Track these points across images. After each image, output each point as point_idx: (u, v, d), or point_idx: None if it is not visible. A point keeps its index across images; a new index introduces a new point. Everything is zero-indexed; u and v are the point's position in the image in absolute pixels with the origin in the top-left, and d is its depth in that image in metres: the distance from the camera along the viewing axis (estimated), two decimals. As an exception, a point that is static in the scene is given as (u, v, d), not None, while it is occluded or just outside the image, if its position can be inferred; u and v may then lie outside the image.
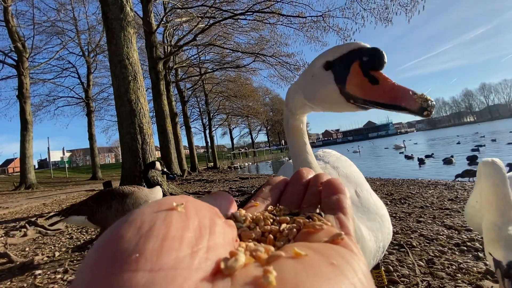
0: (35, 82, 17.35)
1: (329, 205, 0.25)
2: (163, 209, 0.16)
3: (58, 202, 6.97)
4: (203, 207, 0.18)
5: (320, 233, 0.20)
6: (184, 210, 0.16)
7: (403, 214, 3.14)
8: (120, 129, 5.14)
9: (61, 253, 2.68)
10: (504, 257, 1.00)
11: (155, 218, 0.15)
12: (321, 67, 0.63)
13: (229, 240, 0.18)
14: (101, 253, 0.14)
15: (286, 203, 0.29)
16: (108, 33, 5.17)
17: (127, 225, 0.15)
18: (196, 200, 0.18)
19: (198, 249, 0.15)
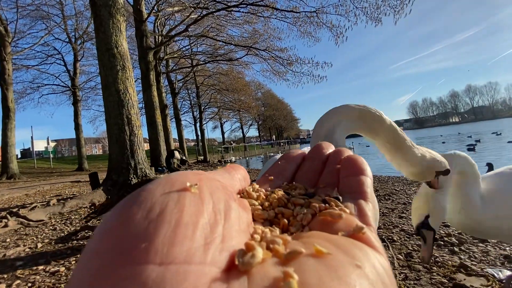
0: (18, 68, 16.63)
1: (349, 187, 0.23)
2: (175, 189, 0.14)
3: (42, 193, 6.80)
4: (218, 188, 0.16)
5: (339, 223, 0.18)
6: (197, 191, 0.15)
7: (386, 210, 3.24)
8: (108, 119, 5.02)
9: (43, 244, 2.63)
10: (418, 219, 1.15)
11: (166, 200, 0.14)
12: None
13: (244, 226, 0.16)
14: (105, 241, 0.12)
15: (302, 180, 0.27)
16: (96, 20, 5.00)
17: (135, 207, 0.13)
18: (210, 178, 0.17)
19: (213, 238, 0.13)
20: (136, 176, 4.85)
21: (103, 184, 4.81)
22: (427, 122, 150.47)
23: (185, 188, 0.15)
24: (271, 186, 0.26)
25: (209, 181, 0.16)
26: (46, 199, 5.22)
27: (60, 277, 1.92)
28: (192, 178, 0.16)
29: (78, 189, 7.03)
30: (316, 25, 11.97)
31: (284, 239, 0.16)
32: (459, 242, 2.16)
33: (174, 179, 0.15)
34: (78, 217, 3.58)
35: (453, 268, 1.75)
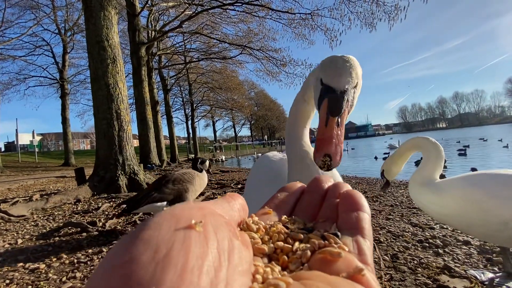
0: (4, 58, 16.05)
1: (347, 223, 0.23)
2: (181, 227, 0.15)
3: (25, 187, 6.58)
4: (222, 225, 0.17)
5: (338, 263, 0.19)
6: (202, 229, 0.15)
7: (374, 212, 3.28)
8: (96, 113, 4.90)
9: (24, 240, 2.54)
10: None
11: (172, 239, 0.14)
12: (320, 79, 0.66)
13: (246, 266, 0.17)
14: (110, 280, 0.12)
15: (301, 214, 0.27)
16: (86, 10, 4.87)
17: (142, 246, 0.13)
18: (214, 213, 0.17)
19: (217, 283, 0.14)
20: (124, 172, 4.75)
21: (89, 180, 4.68)
22: (415, 126, 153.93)
23: (190, 226, 0.15)
24: (270, 219, 0.26)
25: (213, 217, 0.17)
26: (29, 194, 5.06)
27: (40, 274, 1.85)
28: (196, 214, 0.16)
29: (63, 185, 6.84)
30: (310, 27, 12.05)
31: (286, 282, 0.16)
32: (443, 244, 2.21)
33: (180, 215, 0.16)
34: (62, 213, 3.48)
35: (437, 269, 1.78)
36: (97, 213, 3.36)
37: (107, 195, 4.35)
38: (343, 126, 0.59)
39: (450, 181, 1.50)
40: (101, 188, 4.53)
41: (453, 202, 1.42)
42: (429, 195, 1.52)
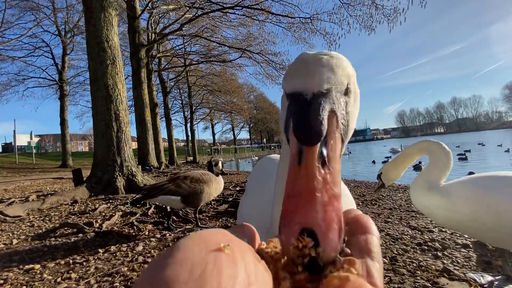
0: (4, 59, 16.02)
1: (356, 245, 0.24)
2: (211, 249, 0.16)
3: (21, 188, 6.53)
4: (246, 250, 0.18)
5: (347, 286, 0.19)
6: (230, 252, 0.16)
7: (372, 215, 3.27)
8: (95, 114, 4.88)
9: (19, 241, 2.51)
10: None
11: (205, 261, 0.15)
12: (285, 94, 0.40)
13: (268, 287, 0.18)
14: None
15: None
16: (86, 12, 4.88)
17: (178, 266, 0.14)
18: (238, 240, 0.19)
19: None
20: (122, 174, 4.73)
21: (86, 181, 4.65)
22: (413, 131, 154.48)
23: (219, 248, 0.16)
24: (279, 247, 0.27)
25: (238, 242, 0.18)
26: (26, 195, 5.01)
27: (35, 274, 1.82)
28: (223, 239, 0.17)
29: (60, 186, 6.79)
30: (310, 31, 12.13)
31: None
32: (443, 247, 2.20)
33: (208, 238, 0.17)
34: (58, 214, 3.44)
35: (437, 272, 1.77)
36: (94, 214, 3.33)
37: (105, 196, 4.32)
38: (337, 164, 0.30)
39: (458, 185, 1.44)
40: (99, 189, 4.49)
41: (465, 207, 1.36)
42: (437, 200, 1.46)
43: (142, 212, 3.32)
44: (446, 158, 1.52)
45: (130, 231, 2.69)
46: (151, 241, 2.38)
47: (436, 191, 1.47)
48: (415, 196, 1.60)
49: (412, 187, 1.64)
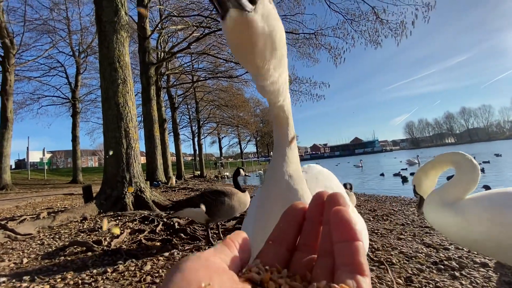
0: (20, 79, 16.78)
1: (343, 258, 0.24)
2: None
3: (33, 205, 6.63)
4: (228, 283, 0.19)
5: None
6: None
7: (384, 231, 3.17)
8: (105, 132, 5.01)
9: (29, 260, 2.52)
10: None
11: None
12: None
13: None
14: None
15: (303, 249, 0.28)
16: (100, 35, 5.12)
17: None
18: (219, 271, 0.19)
19: None
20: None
21: (96, 198, 4.70)
22: (423, 142, 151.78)
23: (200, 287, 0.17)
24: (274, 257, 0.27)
25: (218, 277, 0.18)
26: (37, 212, 5.08)
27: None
28: (204, 276, 0.18)
29: (70, 202, 6.87)
30: (315, 46, 12.35)
31: None
32: (460, 267, 2.10)
33: (189, 278, 0.17)
34: (68, 231, 3.47)
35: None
36: (103, 231, 3.34)
37: (113, 213, 4.34)
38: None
39: (472, 202, 1.39)
40: (108, 206, 4.53)
41: (479, 225, 1.30)
42: (451, 218, 1.40)
43: (150, 229, 3.31)
44: (472, 175, 1.45)
45: (138, 248, 2.68)
46: (159, 260, 2.36)
47: (451, 209, 1.41)
48: (429, 213, 1.54)
49: (426, 202, 1.57)
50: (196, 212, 2.55)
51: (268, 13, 0.44)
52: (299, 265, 0.27)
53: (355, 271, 0.23)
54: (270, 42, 0.47)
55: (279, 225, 0.30)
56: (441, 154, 1.65)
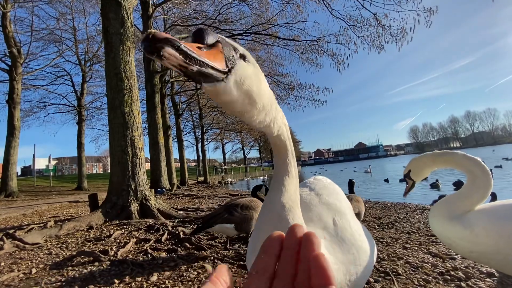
0: (27, 88, 17.11)
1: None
2: None
3: (39, 213, 6.70)
4: None
5: None
6: None
7: (390, 240, 3.16)
8: (111, 141, 5.08)
9: (38, 270, 2.56)
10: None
11: None
12: None
13: None
14: None
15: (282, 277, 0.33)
16: (107, 46, 5.24)
17: None
18: None
19: None
20: (136, 198, 4.81)
21: (102, 206, 4.75)
22: (428, 146, 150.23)
23: None
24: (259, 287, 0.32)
25: None
26: (43, 220, 5.14)
27: (53, 307, 1.85)
28: None
29: (76, 210, 6.94)
30: (317, 52, 12.45)
31: None
32: (466, 277, 2.09)
33: None
34: (75, 241, 3.51)
35: (462, 306, 1.68)
36: (109, 240, 3.38)
37: (119, 222, 4.38)
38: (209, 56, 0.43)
39: (479, 214, 1.37)
40: (113, 215, 4.57)
41: (486, 238, 1.29)
42: (460, 232, 1.38)
43: (156, 238, 3.34)
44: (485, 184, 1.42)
45: (145, 259, 2.70)
46: (165, 271, 2.38)
47: (459, 222, 1.39)
48: (436, 226, 1.51)
49: (432, 214, 1.54)
50: (227, 228, 2.66)
51: (243, 77, 0.49)
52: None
53: None
54: (248, 99, 0.52)
55: (261, 256, 0.35)
56: (455, 153, 1.55)
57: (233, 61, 0.48)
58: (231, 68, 0.47)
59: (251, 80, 0.51)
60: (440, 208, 1.50)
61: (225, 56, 0.46)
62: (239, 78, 0.48)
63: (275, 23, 11.52)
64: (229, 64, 0.47)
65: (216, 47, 0.46)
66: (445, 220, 1.45)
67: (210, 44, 0.45)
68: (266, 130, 0.63)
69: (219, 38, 0.47)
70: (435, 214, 1.51)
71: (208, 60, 0.42)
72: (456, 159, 1.53)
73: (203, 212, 5.16)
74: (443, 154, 1.60)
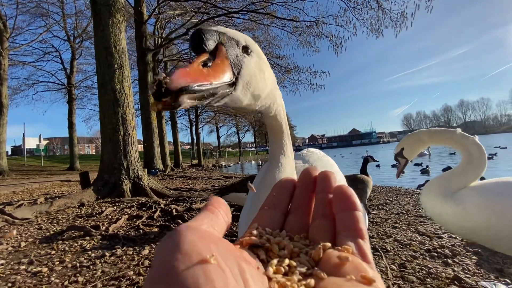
0: (14, 64, 16.39)
1: (346, 226, 0.25)
2: (197, 262, 0.16)
3: (30, 191, 6.63)
4: (226, 252, 0.18)
5: (346, 266, 0.21)
6: (216, 262, 0.16)
7: (380, 220, 3.22)
8: (102, 118, 4.95)
9: (27, 243, 2.54)
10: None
11: (196, 275, 0.15)
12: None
13: (259, 284, 0.18)
14: None
15: (296, 211, 0.30)
16: (95, 18, 4.97)
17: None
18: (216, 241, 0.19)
19: None
20: (128, 177, 4.76)
21: (93, 184, 4.70)
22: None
23: (204, 260, 0.16)
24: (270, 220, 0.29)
25: (216, 246, 0.18)
26: (34, 198, 5.08)
27: (42, 277, 1.84)
28: (202, 246, 0.17)
29: (68, 189, 6.88)
30: (315, 35, 12.13)
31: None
32: (453, 254, 2.15)
33: (189, 250, 0.16)
34: (66, 217, 3.48)
35: (447, 280, 1.73)
36: (101, 217, 3.36)
37: (111, 199, 4.35)
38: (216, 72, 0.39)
39: (471, 191, 1.38)
40: (105, 192, 4.53)
41: (478, 214, 1.30)
42: (452, 208, 1.39)
43: (148, 215, 3.33)
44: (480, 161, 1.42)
45: (136, 234, 2.70)
46: (157, 245, 2.38)
47: (452, 199, 1.40)
48: (429, 202, 1.52)
49: (426, 191, 1.54)
50: (239, 196, 2.79)
51: (249, 78, 0.45)
52: (294, 227, 0.29)
53: (356, 236, 0.24)
54: (253, 98, 0.50)
55: (272, 194, 0.32)
56: (454, 131, 1.54)
57: (238, 63, 0.43)
58: (238, 74, 0.43)
59: (256, 78, 0.47)
60: (434, 185, 1.50)
61: (231, 62, 0.42)
62: (245, 81, 0.45)
63: (274, 1, 11.10)
64: (235, 69, 0.42)
65: (220, 52, 0.41)
66: (439, 197, 1.45)
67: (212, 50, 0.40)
68: (264, 110, 0.61)
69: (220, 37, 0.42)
70: (429, 191, 1.51)
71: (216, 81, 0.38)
72: (455, 137, 1.52)
73: (196, 192, 5.16)
74: (442, 132, 1.58)
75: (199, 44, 0.39)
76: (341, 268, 0.20)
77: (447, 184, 1.46)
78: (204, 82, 0.36)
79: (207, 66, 0.38)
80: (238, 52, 0.45)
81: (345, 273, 0.20)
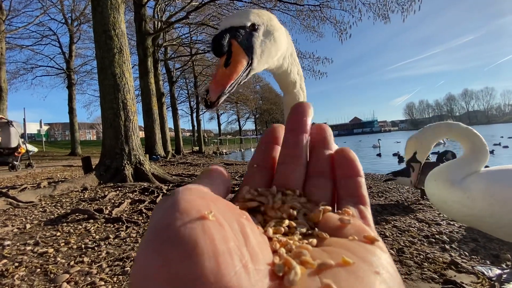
0: (12, 47, 16.14)
1: (348, 191, 0.25)
2: (195, 218, 0.15)
3: (33, 175, 6.69)
4: (225, 209, 0.18)
5: (347, 228, 0.21)
6: (215, 218, 0.16)
7: (379, 207, 3.26)
8: (102, 103, 4.92)
9: (32, 225, 2.58)
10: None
11: (193, 232, 0.14)
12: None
13: (259, 238, 0.18)
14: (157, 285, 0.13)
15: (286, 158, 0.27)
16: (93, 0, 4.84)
17: (169, 245, 0.14)
18: (214, 199, 0.18)
19: (246, 260, 0.15)
20: (130, 162, 4.79)
21: (95, 169, 4.73)
22: (422, 124, 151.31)
23: (203, 216, 0.15)
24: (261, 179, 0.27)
25: (214, 204, 0.17)
26: (37, 182, 5.14)
27: (48, 258, 1.88)
28: (201, 203, 0.17)
29: (70, 173, 6.94)
30: (319, 19, 11.83)
31: (308, 249, 0.18)
32: (450, 240, 2.19)
33: (187, 208, 0.16)
34: (69, 200, 3.53)
35: (444, 264, 1.77)
36: (104, 201, 3.40)
37: (113, 184, 4.40)
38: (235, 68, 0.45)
39: (475, 178, 1.38)
40: (107, 177, 4.57)
41: (481, 202, 1.30)
42: (458, 195, 1.38)
43: (151, 200, 3.38)
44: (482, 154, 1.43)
45: (139, 217, 2.74)
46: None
47: (459, 186, 1.39)
48: (435, 189, 1.50)
49: (432, 177, 1.53)
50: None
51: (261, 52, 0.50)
52: (286, 179, 0.27)
53: (358, 201, 0.24)
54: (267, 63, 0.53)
55: (261, 148, 0.30)
56: (448, 123, 1.55)
57: (249, 44, 0.48)
58: (252, 55, 0.48)
59: (265, 46, 0.50)
60: (442, 172, 1.49)
61: (244, 49, 0.47)
62: (258, 54, 0.49)
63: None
64: (249, 52, 0.48)
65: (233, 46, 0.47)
66: (446, 183, 1.44)
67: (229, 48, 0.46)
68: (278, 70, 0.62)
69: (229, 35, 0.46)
70: (437, 177, 1.50)
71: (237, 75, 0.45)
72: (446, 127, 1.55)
73: (197, 178, 5.21)
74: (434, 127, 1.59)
75: (219, 51, 0.46)
76: (342, 230, 0.20)
77: (455, 171, 1.45)
78: (230, 82, 0.44)
79: (228, 63, 0.45)
80: (247, 35, 0.49)
81: (346, 235, 0.20)
